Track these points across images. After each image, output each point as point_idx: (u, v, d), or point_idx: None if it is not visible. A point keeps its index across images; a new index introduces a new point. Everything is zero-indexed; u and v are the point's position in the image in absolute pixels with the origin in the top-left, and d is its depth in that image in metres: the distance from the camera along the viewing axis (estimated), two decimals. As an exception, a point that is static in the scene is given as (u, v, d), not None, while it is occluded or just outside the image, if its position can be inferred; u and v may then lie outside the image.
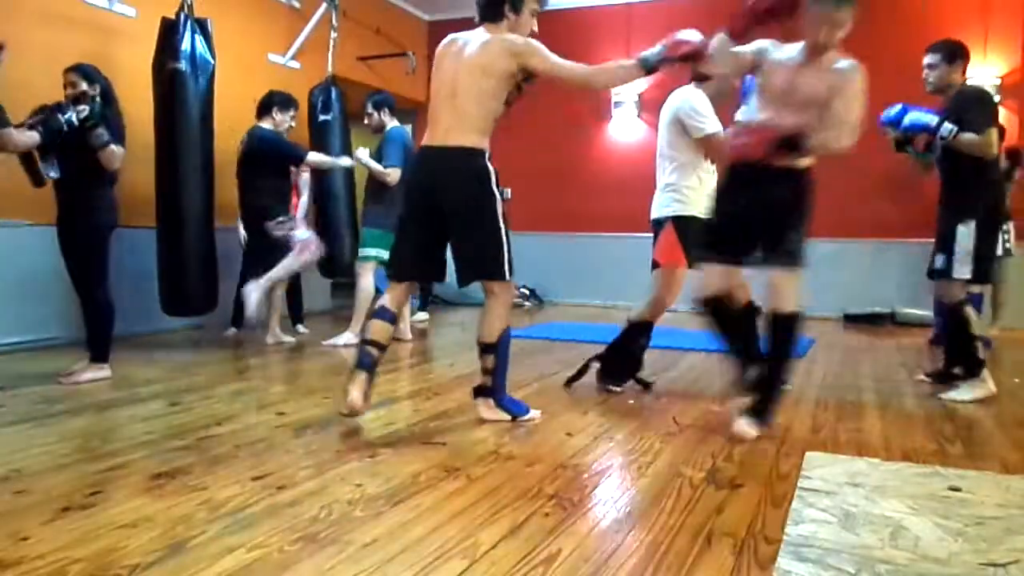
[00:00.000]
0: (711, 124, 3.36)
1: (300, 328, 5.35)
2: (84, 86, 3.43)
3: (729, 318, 2.93)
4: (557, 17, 7.60)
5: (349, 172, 5.56)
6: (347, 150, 5.62)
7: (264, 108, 4.69)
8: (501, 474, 2.25)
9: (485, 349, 2.90)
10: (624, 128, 7.55)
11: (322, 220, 5.44)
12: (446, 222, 2.80)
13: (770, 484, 2.20)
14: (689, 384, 3.77)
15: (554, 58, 2.74)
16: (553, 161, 7.69)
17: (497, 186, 2.79)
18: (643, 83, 7.45)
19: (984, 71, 6.35)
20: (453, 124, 2.76)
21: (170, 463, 2.31)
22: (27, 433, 2.66)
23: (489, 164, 2.78)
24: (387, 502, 2.00)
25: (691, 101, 3.44)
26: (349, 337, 4.78)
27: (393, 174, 4.71)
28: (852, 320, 6.29)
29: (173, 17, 4.34)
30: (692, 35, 2.84)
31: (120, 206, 3.62)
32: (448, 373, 3.95)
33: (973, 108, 3.32)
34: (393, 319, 2.90)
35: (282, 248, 4.55)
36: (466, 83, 2.74)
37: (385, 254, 4.84)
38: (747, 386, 2.85)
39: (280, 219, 4.57)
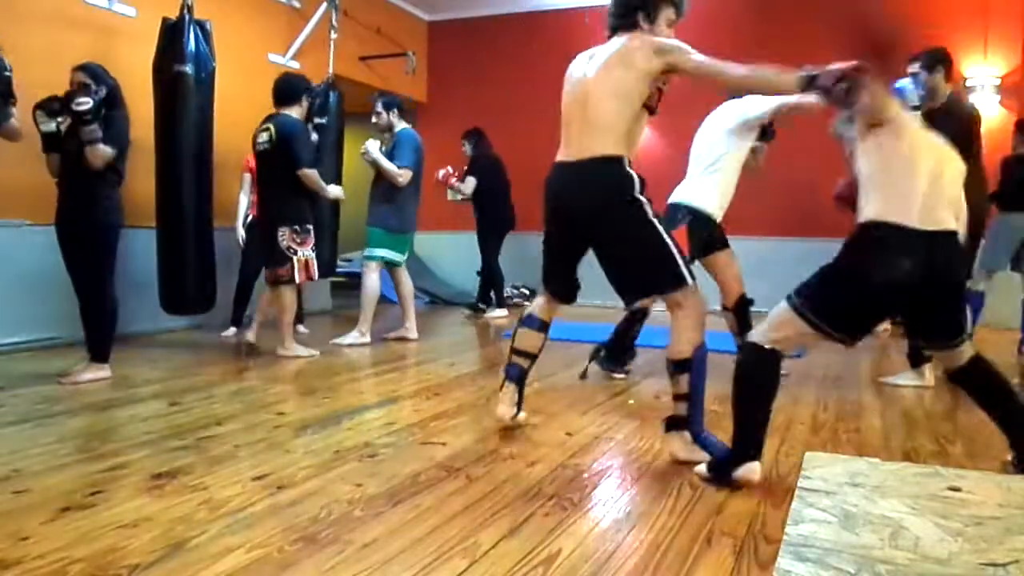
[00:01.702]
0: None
1: (300, 328, 5.34)
2: (93, 85, 3.44)
3: None
4: (557, 17, 7.60)
5: (337, 172, 5.51)
6: (340, 155, 5.63)
7: (290, 94, 4.30)
8: (501, 474, 2.25)
9: (675, 368, 2.47)
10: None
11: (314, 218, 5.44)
12: (589, 239, 2.62)
13: (770, 484, 2.20)
14: (689, 384, 3.76)
15: (703, 57, 2.41)
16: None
17: (643, 193, 2.53)
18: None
19: (984, 71, 6.35)
20: (585, 135, 2.53)
21: (170, 463, 2.31)
22: (27, 433, 2.65)
23: (631, 170, 2.52)
24: (387, 502, 2.00)
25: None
26: (355, 337, 4.79)
27: (405, 175, 4.71)
28: None
29: (173, 18, 4.34)
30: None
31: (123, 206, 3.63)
32: (448, 373, 3.94)
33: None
34: (541, 326, 2.83)
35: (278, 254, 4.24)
36: (599, 89, 2.50)
37: (391, 255, 4.85)
38: None
39: (296, 227, 4.23)
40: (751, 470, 2.16)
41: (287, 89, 4.32)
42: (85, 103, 3.29)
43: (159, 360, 4.16)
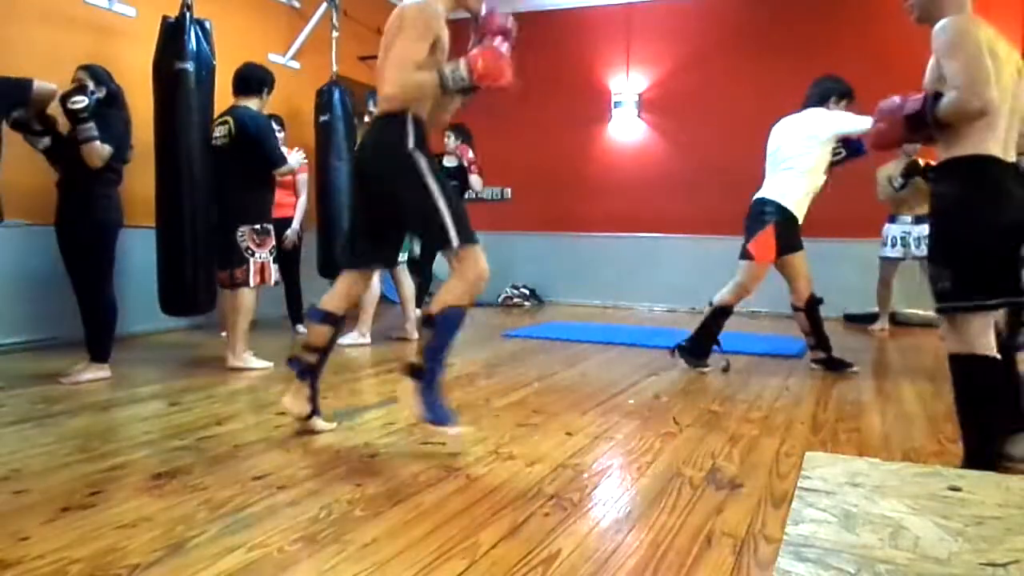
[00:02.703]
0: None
1: (300, 328, 5.34)
2: (91, 85, 3.45)
3: None
4: (557, 17, 7.61)
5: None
6: (351, 151, 5.63)
7: (252, 84, 4.08)
8: (501, 474, 2.25)
9: (426, 321, 2.49)
10: (624, 128, 7.55)
11: (322, 217, 5.45)
12: (378, 200, 2.57)
13: (770, 484, 2.20)
14: (689, 384, 3.77)
15: (405, 48, 2.48)
16: (553, 161, 7.69)
17: (420, 147, 2.47)
18: (643, 83, 7.46)
19: (984, 71, 6.35)
20: (379, 93, 2.57)
21: (170, 463, 2.31)
22: (27, 433, 2.66)
23: (410, 127, 2.47)
24: (387, 502, 2.00)
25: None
26: (355, 337, 4.79)
27: None
28: (852, 320, 6.29)
29: (173, 17, 4.34)
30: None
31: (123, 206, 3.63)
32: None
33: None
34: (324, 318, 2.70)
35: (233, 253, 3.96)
36: (387, 50, 2.56)
37: None
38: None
39: (256, 227, 3.97)
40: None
41: (248, 79, 4.08)
42: (80, 101, 3.29)
43: (159, 360, 4.16)
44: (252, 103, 4.05)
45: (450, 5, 2.67)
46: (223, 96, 4.66)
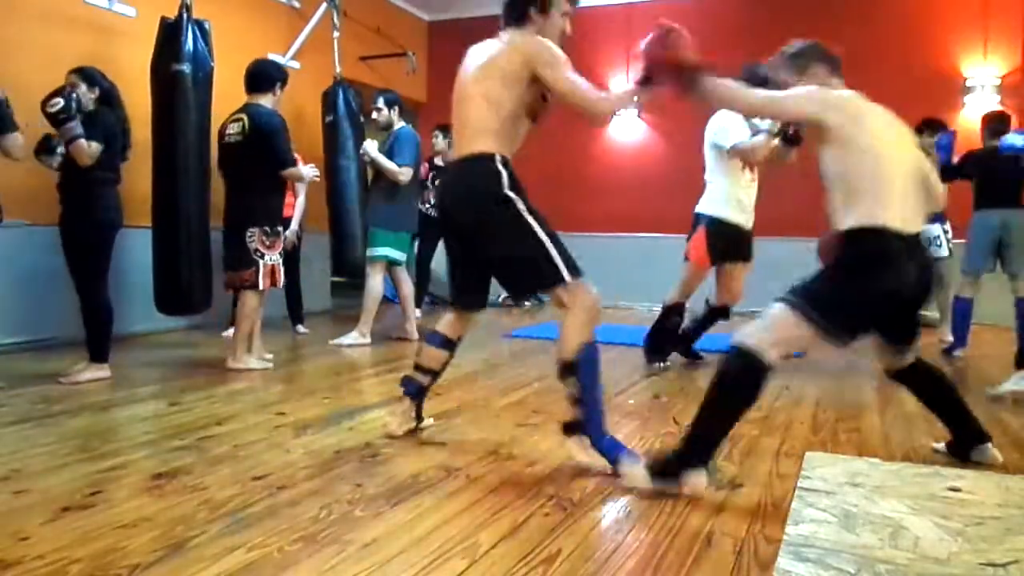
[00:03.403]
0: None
1: (300, 328, 5.35)
2: (83, 88, 3.45)
3: None
4: (557, 17, 7.60)
5: (362, 168, 5.51)
6: (357, 150, 5.64)
7: (264, 81, 3.98)
8: (501, 474, 2.25)
9: (563, 370, 2.35)
10: (624, 128, 7.55)
11: (332, 217, 5.45)
12: (471, 245, 2.48)
13: (770, 484, 2.20)
14: (689, 384, 3.77)
15: (569, 74, 2.37)
16: (553, 161, 7.69)
17: (514, 187, 2.41)
18: (643, 83, 7.46)
19: (984, 71, 6.35)
20: (460, 135, 2.48)
21: (170, 463, 2.31)
22: (27, 433, 2.65)
23: (499, 166, 2.40)
24: (387, 502, 1.99)
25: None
26: (355, 337, 4.78)
27: (406, 172, 4.71)
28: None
29: (172, 18, 4.34)
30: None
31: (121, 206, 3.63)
32: (448, 373, 3.92)
33: None
34: (443, 343, 2.68)
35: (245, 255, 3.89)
36: (470, 90, 2.45)
37: (395, 254, 4.85)
38: None
39: (266, 229, 3.90)
40: (699, 479, 2.08)
41: (261, 75, 3.98)
42: (56, 104, 3.26)
43: (159, 360, 4.16)
44: (266, 100, 3.96)
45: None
46: (222, 97, 4.66)
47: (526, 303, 7.50)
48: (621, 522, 1.91)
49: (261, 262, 3.87)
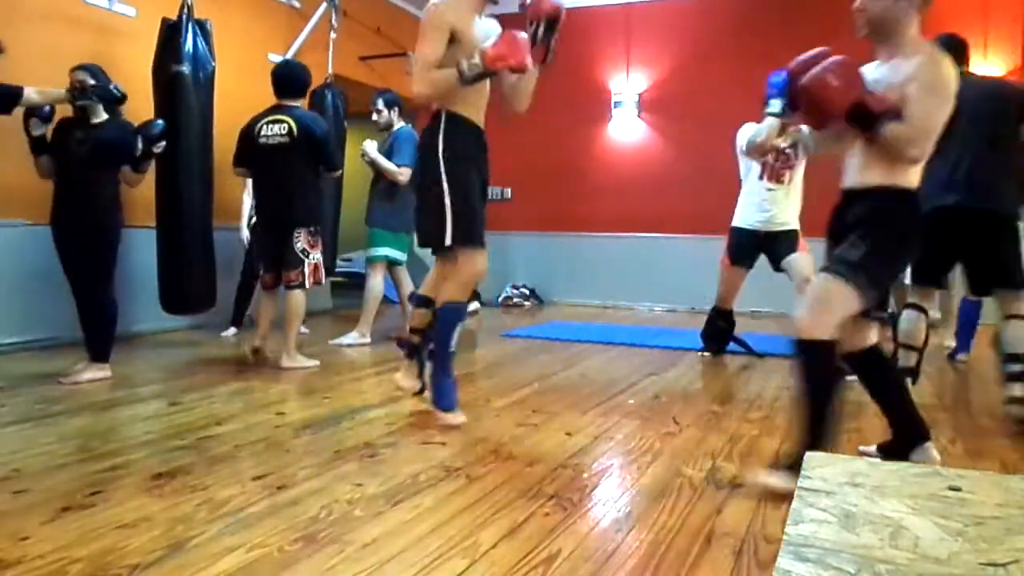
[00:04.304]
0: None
1: (301, 328, 5.34)
2: (91, 83, 3.45)
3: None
4: (557, 17, 7.61)
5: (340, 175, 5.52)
6: (341, 152, 5.64)
7: (300, 85, 4.10)
8: (501, 474, 2.25)
9: (422, 303, 2.87)
10: (624, 128, 7.55)
11: None
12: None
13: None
14: (689, 384, 3.77)
15: (419, 49, 2.64)
16: (553, 161, 7.70)
17: (447, 144, 2.65)
18: (643, 83, 7.46)
19: (984, 71, 6.35)
20: None
21: (170, 463, 2.31)
22: (27, 433, 2.66)
23: (442, 123, 2.68)
24: (387, 502, 2.00)
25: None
26: (355, 337, 4.78)
27: (406, 173, 4.71)
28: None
29: (173, 18, 4.34)
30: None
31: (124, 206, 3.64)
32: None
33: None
34: (422, 301, 2.97)
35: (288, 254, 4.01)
36: None
37: (395, 254, 4.85)
38: None
39: (312, 229, 4.02)
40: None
41: (297, 80, 4.07)
42: (162, 146, 3.58)
43: (159, 360, 4.16)
44: (301, 103, 4.12)
45: (476, 4, 2.75)
46: (223, 96, 4.67)
47: (528, 302, 7.50)
48: (621, 522, 1.91)
49: (307, 261, 4.01)
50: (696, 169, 7.18)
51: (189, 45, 4.29)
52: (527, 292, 7.62)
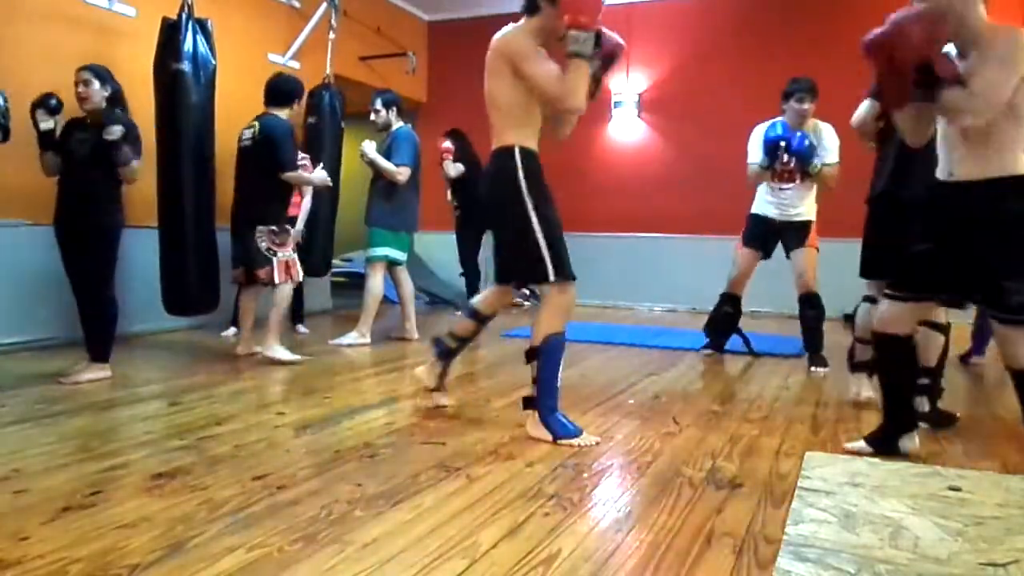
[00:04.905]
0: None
1: (300, 328, 5.34)
2: (96, 85, 3.46)
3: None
4: (557, 17, 7.60)
5: (336, 172, 5.54)
6: (337, 153, 5.65)
7: (283, 96, 4.27)
8: (501, 474, 2.25)
9: (530, 354, 2.70)
10: (624, 128, 7.55)
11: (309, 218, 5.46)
12: (492, 226, 2.84)
13: (770, 484, 2.20)
14: (689, 384, 3.77)
15: (540, 73, 2.57)
16: (553, 161, 7.61)
17: (529, 181, 2.65)
18: (643, 83, 7.46)
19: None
20: (492, 130, 2.73)
21: (170, 463, 2.31)
22: (27, 433, 2.66)
23: (517, 159, 2.65)
24: (387, 502, 1.99)
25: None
26: (355, 337, 4.78)
27: (404, 172, 4.71)
28: (852, 320, 6.29)
29: (173, 17, 4.34)
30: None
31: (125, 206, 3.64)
32: (448, 372, 3.94)
33: None
34: (473, 314, 2.99)
35: (255, 255, 4.13)
36: (487, 90, 2.70)
37: (395, 254, 4.86)
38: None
39: (274, 228, 4.13)
40: (911, 441, 2.49)
41: (278, 90, 4.28)
42: (116, 132, 3.37)
43: (159, 360, 4.16)
44: (282, 113, 4.24)
45: (540, 39, 2.69)
46: (223, 96, 4.67)
47: (528, 302, 7.50)
48: (621, 522, 1.91)
49: (275, 259, 4.12)
50: (696, 169, 7.18)
51: (189, 44, 4.29)
52: (527, 292, 7.60)
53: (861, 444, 2.53)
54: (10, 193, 4.14)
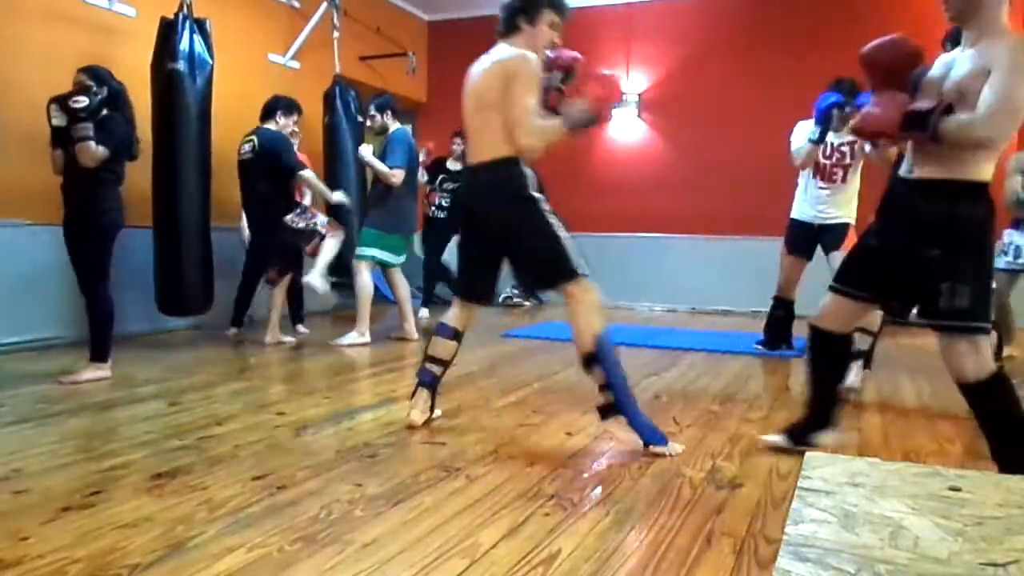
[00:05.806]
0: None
1: (300, 328, 5.34)
2: (94, 86, 3.45)
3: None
4: (557, 17, 7.60)
5: (361, 171, 5.57)
6: (355, 151, 5.65)
7: (268, 112, 4.69)
8: (501, 474, 2.25)
9: (587, 362, 2.56)
10: (624, 128, 7.55)
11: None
12: (492, 240, 2.69)
13: (770, 484, 2.20)
14: (689, 384, 3.77)
15: (525, 98, 2.50)
16: (553, 161, 7.67)
17: (534, 192, 2.61)
18: (643, 83, 7.46)
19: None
20: (478, 141, 2.67)
21: (170, 463, 2.31)
22: (27, 433, 2.66)
23: (525, 169, 2.61)
24: (387, 502, 2.00)
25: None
26: (355, 337, 4.78)
27: (398, 175, 4.72)
28: None
29: (172, 17, 4.34)
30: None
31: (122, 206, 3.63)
32: (448, 373, 3.93)
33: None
34: (452, 334, 2.84)
35: (297, 242, 4.65)
36: (480, 103, 2.64)
37: (383, 255, 4.86)
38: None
39: (298, 210, 4.62)
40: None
41: (265, 107, 4.73)
42: (81, 101, 3.31)
43: (159, 360, 4.16)
44: (270, 125, 4.67)
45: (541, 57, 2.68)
46: (223, 96, 4.68)
47: (528, 302, 7.50)
48: (621, 522, 1.91)
49: (317, 227, 4.64)
50: (696, 169, 7.18)
51: (185, 43, 4.29)
52: (527, 292, 7.61)
53: (778, 438, 2.55)
54: (10, 193, 4.14)
